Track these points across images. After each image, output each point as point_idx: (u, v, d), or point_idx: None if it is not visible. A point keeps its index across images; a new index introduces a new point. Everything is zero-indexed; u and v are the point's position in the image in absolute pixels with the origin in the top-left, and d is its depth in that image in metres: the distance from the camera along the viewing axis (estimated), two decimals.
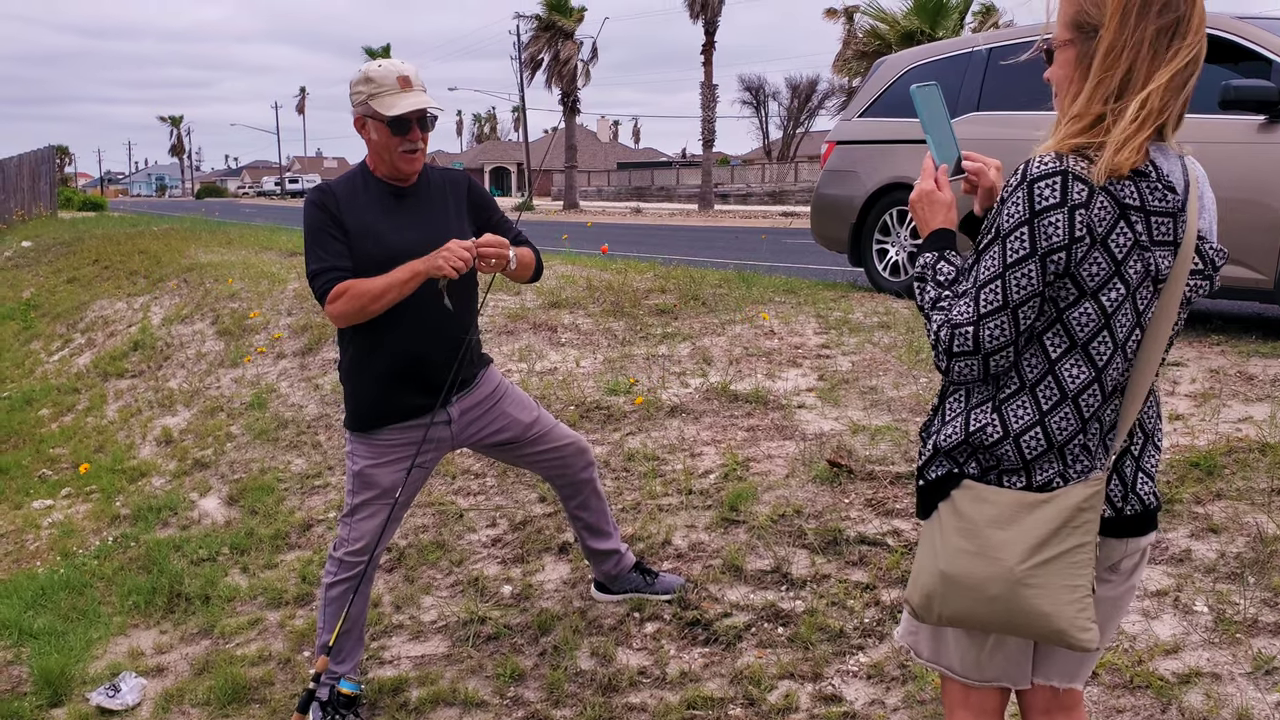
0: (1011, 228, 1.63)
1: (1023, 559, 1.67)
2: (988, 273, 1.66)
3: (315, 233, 2.96)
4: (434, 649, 3.64)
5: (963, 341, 1.68)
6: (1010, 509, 1.69)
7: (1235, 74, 5.48)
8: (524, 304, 7.32)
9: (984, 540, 1.70)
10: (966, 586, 1.71)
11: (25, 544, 5.44)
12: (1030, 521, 1.68)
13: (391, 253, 2.94)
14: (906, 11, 25.12)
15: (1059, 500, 1.68)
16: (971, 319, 1.67)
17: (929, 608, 1.78)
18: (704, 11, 35.89)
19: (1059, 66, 1.71)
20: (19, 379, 9.30)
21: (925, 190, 1.85)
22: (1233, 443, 3.84)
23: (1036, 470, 1.70)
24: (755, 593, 3.48)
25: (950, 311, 1.72)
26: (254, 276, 9.86)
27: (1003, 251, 1.64)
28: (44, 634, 4.21)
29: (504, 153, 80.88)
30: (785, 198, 43.58)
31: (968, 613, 1.74)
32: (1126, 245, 1.62)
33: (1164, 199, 1.64)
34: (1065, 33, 1.69)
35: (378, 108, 2.95)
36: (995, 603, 1.70)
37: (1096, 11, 1.63)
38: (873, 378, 5.12)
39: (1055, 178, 1.60)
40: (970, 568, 1.71)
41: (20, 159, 27.34)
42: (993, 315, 1.66)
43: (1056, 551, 1.67)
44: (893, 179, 7.51)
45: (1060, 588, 1.67)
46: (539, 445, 3.36)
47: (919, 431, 1.89)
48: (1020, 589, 1.67)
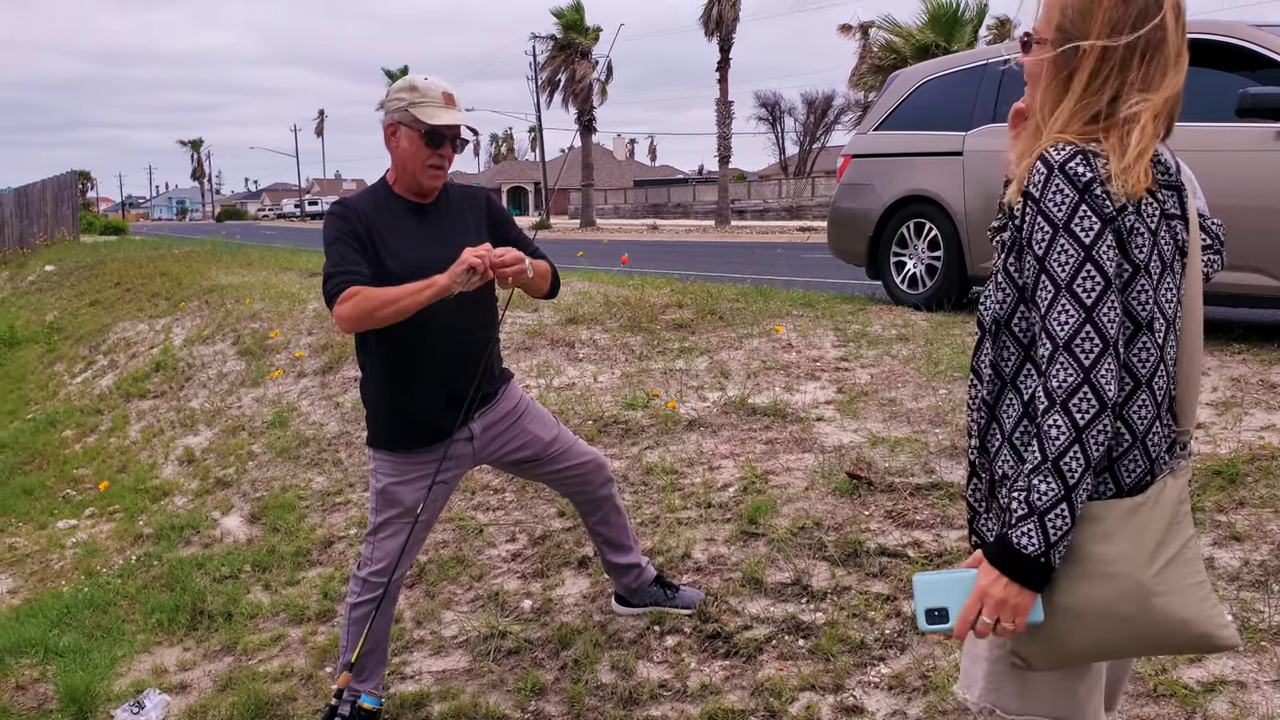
0: (1069, 211, 1.54)
1: (1148, 567, 1.55)
2: (1066, 271, 1.54)
3: (334, 242, 2.94)
4: (455, 664, 3.64)
5: (1086, 406, 1.51)
6: (1113, 520, 1.57)
7: (1252, 81, 5.47)
8: (541, 320, 7.35)
9: (1095, 560, 1.57)
10: (1092, 614, 1.57)
11: (50, 563, 5.49)
12: (1137, 527, 1.57)
13: (409, 268, 2.94)
14: (921, 25, 25.17)
15: (1158, 497, 1.58)
16: (1080, 371, 1.51)
17: (1048, 653, 1.62)
18: (719, 29, 36.01)
19: (1034, 63, 1.66)
20: (43, 401, 9.40)
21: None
22: (1255, 451, 3.82)
23: (1123, 470, 1.59)
24: (775, 605, 3.47)
25: (1037, 398, 1.56)
26: (274, 297, 9.93)
27: (1074, 238, 1.53)
28: (69, 652, 4.24)
29: (521, 172, 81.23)
30: (802, 213, 43.58)
31: (1098, 642, 1.60)
32: (1155, 215, 1.59)
33: (1166, 173, 1.63)
34: (1046, 30, 1.64)
35: (418, 115, 2.95)
36: (1129, 623, 1.57)
37: (1081, 23, 1.59)
38: (891, 390, 5.12)
39: (1079, 156, 1.55)
40: (1091, 593, 1.56)
41: (43, 184, 27.71)
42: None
43: (1173, 552, 1.56)
44: (909, 191, 7.51)
45: (1188, 588, 1.56)
46: (559, 463, 3.36)
47: (971, 481, 1.76)
48: (1153, 600, 1.55)
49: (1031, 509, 1.53)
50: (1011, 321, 1.66)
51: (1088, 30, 1.58)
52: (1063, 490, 1.51)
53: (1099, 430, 1.51)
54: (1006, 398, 1.67)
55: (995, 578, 1.57)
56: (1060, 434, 1.51)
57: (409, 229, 3.04)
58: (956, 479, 3.98)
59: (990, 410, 1.70)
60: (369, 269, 2.93)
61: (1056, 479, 1.51)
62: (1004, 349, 1.68)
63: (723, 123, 38.25)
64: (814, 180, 50.37)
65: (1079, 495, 1.52)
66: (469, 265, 2.77)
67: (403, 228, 3.03)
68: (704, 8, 35.94)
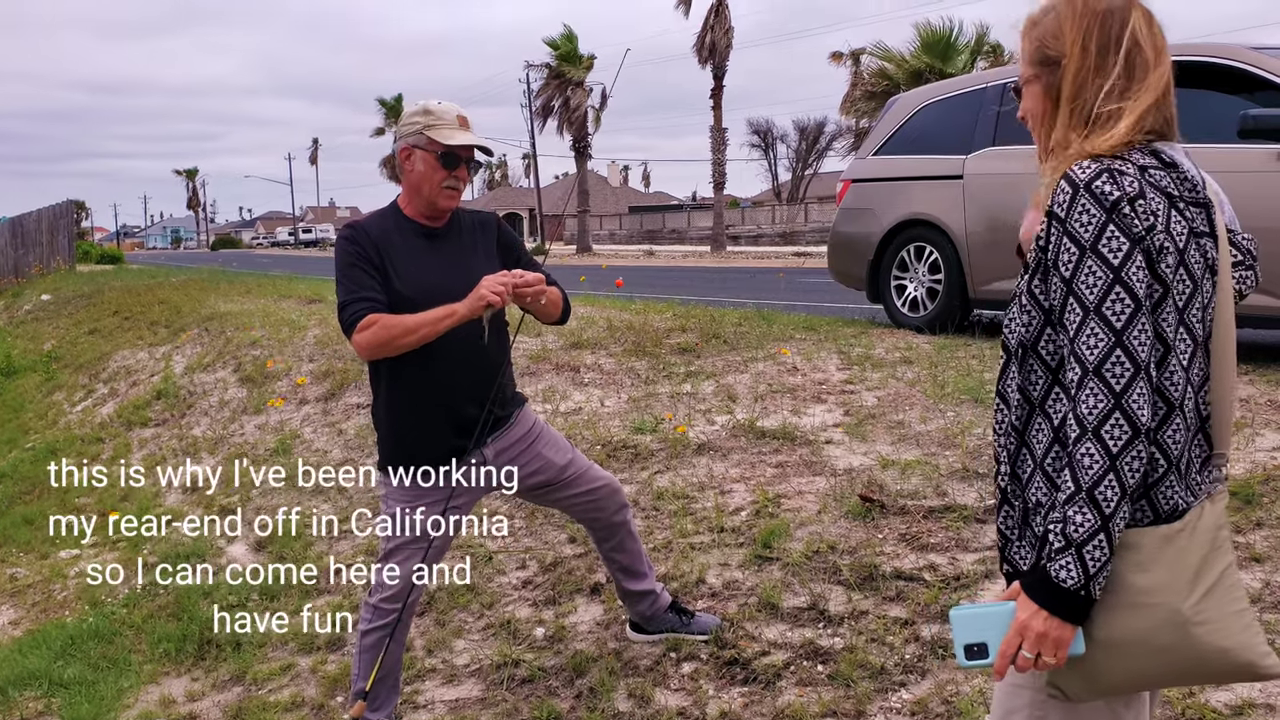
0: (1096, 232, 1.52)
1: (1187, 596, 1.51)
2: (1096, 291, 1.52)
3: (347, 267, 2.94)
4: (468, 692, 3.61)
5: (1119, 433, 1.49)
6: (1151, 548, 1.54)
7: (1253, 104, 5.50)
8: (546, 345, 7.34)
9: (1132, 589, 1.53)
10: (1132, 644, 1.54)
11: (53, 594, 5.44)
12: (1174, 554, 1.53)
13: (420, 292, 2.94)
14: (915, 50, 25.32)
15: (1195, 523, 1.55)
16: (1111, 396, 1.49)
17: (1089, 685, 1.58)
18: (713, 56, 36.20)
19: (1029, 99, 1.72)
20: (42, 430, 9.35)
21: None
22: (1270, 471, 3.81)
23: (1159, 496, 1.56)
24: (792, 630, 3.45)
25: (1068, 424, 1.54)
26: (274, 324, 9.91)
27: (1101, 259, 1.52)
28: (74, 684, 4.20)
29: (516, 199, 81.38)
30: (796, 238, 43.71)
31: (1137, 674, 1.57)
32: (1183, 233, 1.57)
33: (1193, 190, 1.62)
34: (1030, 69, 1.70)
35: (434, 136, 2.96)
36: (1168, 653, 1.53)
37: (1056, 43, 1.65)
38: (899, 412, 5.11)
39: (1104, 174, 1.54)
40: (1130, 623, 1.53)
41: (39, 214, 27.67)
42: (1125, 373, 1.49)
43: (1213, 580, 1.53)
44: (910, 215, 7.52)
45: (1229, 616, 1.53)
46: (573, 488, 3.33)
47: (1001, 509, 1.71)
48: (1193, 630, 1.51)
49: (1069, 541, 1.50)
50: (1039, 344, 1.64)
51: (1063, 47, 1.64)
52: (1099, 521, 1.48)
53: (1133, 457, 1.48)
54: (1036, 422, 1.65)
55: (1034, 611, 1.54)
56: (1094, 463, 1.49)
57: (419, 252, 3.04)
58: (969, 501, 3.96)
59: (1020, 435, 1.68)
60: (383, 294, 2.93)
61: (1092, 509, 1.49)
62: (1031, 372, 1.66)
63: (717, 149, 38.38)
64: (807, 206, 50.54)
65: (1116, 524, 1.49)
66: (488, 302, 2.80)
67: (413, 251, 3.03)
68: (697, 35, 36.15)
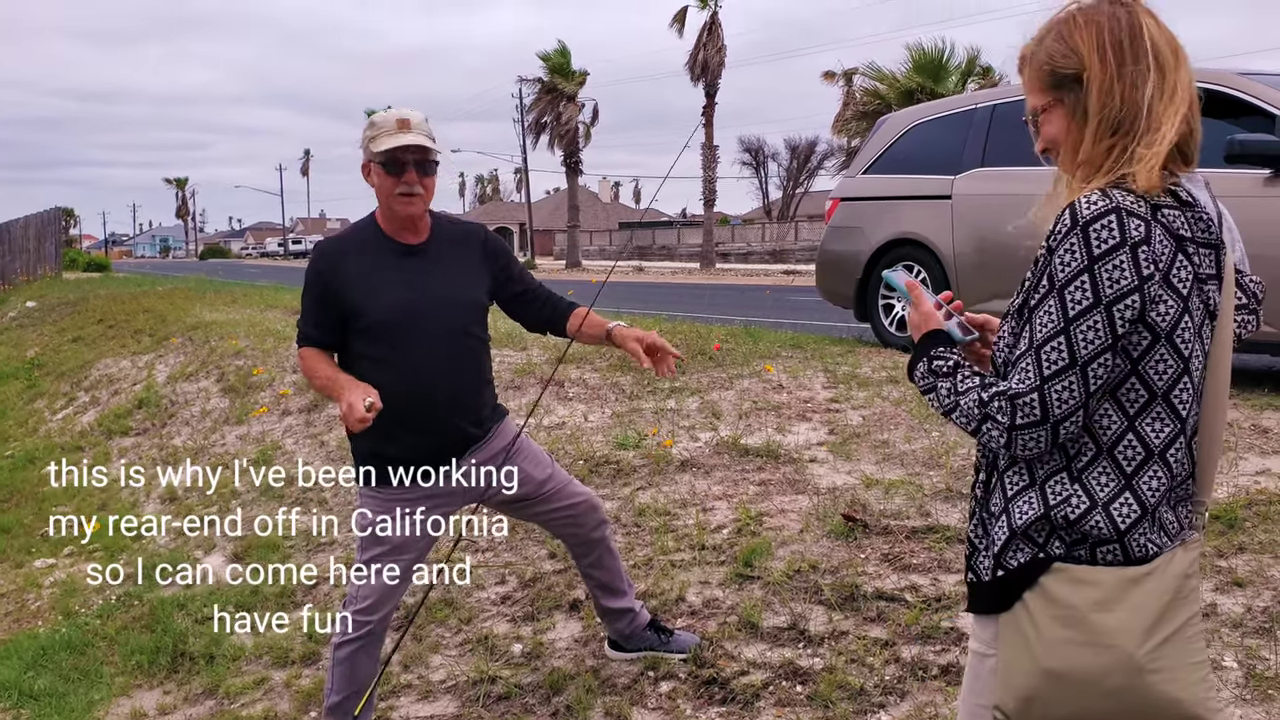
0: (1069, 278, 1.51)
1: (1141, 642, 1.50)
2: (1045, 330, 1.52)
3: (305, 291, 3.05)
4: (443, 709, 3.56)
5: (1027, 411, 1.52)
6: (1114, 588, 1.52)
7: (1240, 129, 5.52)
8: (530, 359, 7.31)
9: (1092, 627, 1.52)
10: (1079, 681, 1.52)
11: (26, 603, 5.37)
12: (1138, 598, 1.52)
13: (391, 312, 2.93)
14: (907, 70, 25.47)
15: (1163, 570, 1.53)
16: (1034, 384, 1.52)
17: (1029, 712, 1.57)
18: (705, 73, 36.35)
19: (1051, 126, 1.64)
20: (22, 437, 9.26)
21: (913, 315, 1.80)
22: (1252, 495, 3.80)
23: (1132, 541, 1.54)
24: (772, 650, 3.41)
25: (998, 384, 1.58)
26: (259, 334, 9.86)
27: (1061, 304, 1.51)
28: (45, 695, 4.13)
29: (506, 213, 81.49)
30: (786, 256, 43.82)
31: (1080, 712, 1.54)
32: (1188, 280, 1.54)
33: (1206, 230, 1.57)
34: (1043, 97, 1.64)
35: (374, 146, 2.95)
36: (1115, 696, 1.52)
37: (1068, 60, 1.59)
38: (884, 431, 5.08)
39: (1109, 216, 1.49)
40: (1081, 660, 1.52)
41: (26, 220, 27.56)
42: (1059, 376, 1.51)
43: (1173, 628, 1.51)
44: (897, 235, 7.53)
45: (1185, 667, 1.52)
46: (551, 503, 3.30)
47: (972, 518, 1.73)
48: (1145, 677, 1.50)
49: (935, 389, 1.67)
50: None
51: (1079, 61, 1.58)
52: (949, 398, 1.63)
53: (1029, 438, 1.54)
54: None
55: None
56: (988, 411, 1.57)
57: (391, 270, 2.99)
58: (953, 522, 3.94)
59: None
60: (326, 329, 3.00)
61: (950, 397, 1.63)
62: None
63: (708, 166, 38.53)
64: (797, 225, 50.71)
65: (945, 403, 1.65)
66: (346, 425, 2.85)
67: (382, 269, 2.99)
68: (690, 53, 36.31)
